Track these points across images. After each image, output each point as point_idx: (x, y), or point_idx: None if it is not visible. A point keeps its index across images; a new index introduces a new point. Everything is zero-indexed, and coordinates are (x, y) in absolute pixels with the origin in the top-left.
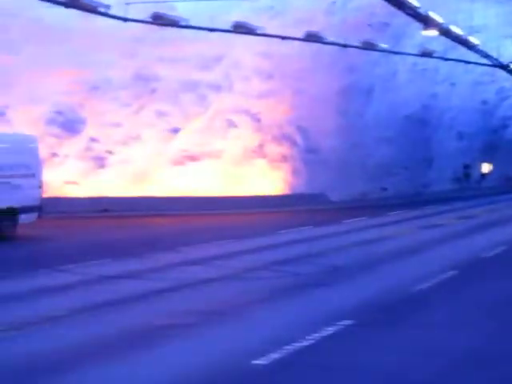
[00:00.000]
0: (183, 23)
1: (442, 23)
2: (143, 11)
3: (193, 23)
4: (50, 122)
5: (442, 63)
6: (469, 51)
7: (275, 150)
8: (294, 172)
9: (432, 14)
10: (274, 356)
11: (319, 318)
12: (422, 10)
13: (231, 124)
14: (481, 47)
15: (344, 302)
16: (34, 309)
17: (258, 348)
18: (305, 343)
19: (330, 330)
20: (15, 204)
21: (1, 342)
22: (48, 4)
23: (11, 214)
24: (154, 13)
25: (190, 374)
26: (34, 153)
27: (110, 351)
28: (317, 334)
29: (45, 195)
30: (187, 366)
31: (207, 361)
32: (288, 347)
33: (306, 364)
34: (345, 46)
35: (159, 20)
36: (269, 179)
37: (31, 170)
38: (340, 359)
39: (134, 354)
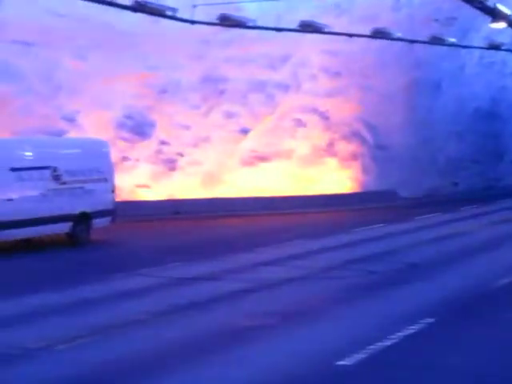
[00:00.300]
0: (250, 24)
1: (510, 15)
2: (210, 13)
3: (259, 23)
4: (120, 126)
5: (509, 56)
6: None
7: (345, 148)
8: (364, 169)
9: (500, 7)
10: (359, 356)
11: (400, 316)
12: (489, 3)
13: (300, 123)
14: None
15: (424, 299)
16: (115, 313)
17: (340, 348)
18: (387, 343)
19: (412, 328)
20: (88, 209)
21: (84, 347)
22: (116, 9)
23: (85, 218)
24: (221, 14)
25: (273, 376)
26: (105, 157)
27: (192, 354)
28: (399, 333)
29: (117, 199)
30: (269, 368)
31: (290, 362)
32: (371, 347)
33: (391, 364)
34: (412, 41)
35: (226, 21)
36: (339, 177)
37: (103, 175)
38: (424, 358)
39: (216, 356)
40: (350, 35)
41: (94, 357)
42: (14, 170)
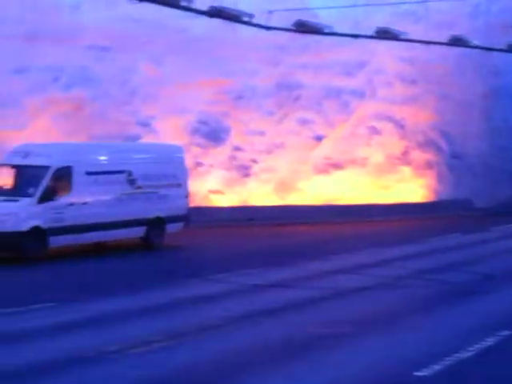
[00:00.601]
0: (326, 30)
1: None
2: (286, 19)
3: (336, 30)
4: (195, 131)
5: None
6: None
7: (420, 156)
8: (439, 178)
9: None
10: (437, 367)
11: (476, 328)
12: None
13: (374, 131)
14: None
15: (501, 311)
16: (188, 318)
17: (418, 359)
18: (465, 354)
19: (489, 340)
20: (163, 214)
21: (159, 351)
22: (192, 15)
23: (159, 223)
24: (297, 20)
25: None
26: (180, 163)
27: (264, 361)
28: (476, 345)
29: (190, 205)
30: (345, 378)
31: (366, 372)
32: (449, 358)
33: (469, 376)
34: (490, 49)
35: (302, 27)
36: (413, 186)
37: (178, 180)
38: (502, 371)
39: (291, 363)
40: (427, 42)
41: (168, 361)
42: (89, 173)
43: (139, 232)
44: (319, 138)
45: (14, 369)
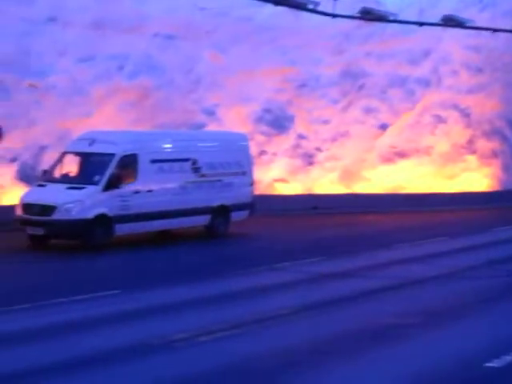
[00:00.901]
0: (391, 18)
1: None
2: (351, 7)
3: (401, 18)
4: (259, 120)
5: None
6: None
7: (485, 145)
8: (504, 167)
9: None
10: (509, 358)
11: None
12: None
13: (440, 120)
14: None
15: None
16: (254, 307)
17: (488, 350)
18: None
19: None
20: (227, 202)
21: (226, 340)
22: (258, 3)
23: (223, 211)
24: (363, 8)
25: (420, 376)
26: (244, 151)
27: (335, 350)
28: None
29: (255, 193)
30: (415, 368)
31: (436, 363)
32: None
33: None
34: None
35: (367, 15)
36: (478, 175)
37: (242, 168)
38: None
39: (360, 354)
40: (494, 30)
41: (234, 350)
42: (154, 161)
43: (204, 220)
44: (384, 127)
45: (79, 355)
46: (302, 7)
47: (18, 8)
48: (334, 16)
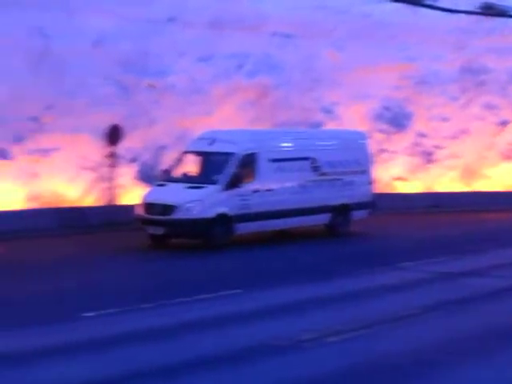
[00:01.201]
0: None
1: None
2: (470, 2)
3: None
4: (378, 117)
5: None
6: None
7: None
8: None
9: None
10: None
11: None
12: None
13: None
14: None
15: None
16: (382, 307)
17: None
18: None
19: None
20: (348, 200)
21: (356, 340)
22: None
23: (344, 210)
24: (483, 3)
25: None
26: (363, 149)
27: (465, 350)
28: None
29: (375, 191)
30: None
31: None
32: None
33: None
34: None
35: (488, 10)
36: None
37: (362, 167)
38: None
39: (490, 354)
40: None
41: (365, 350)
42: (274, 160)
43: (324, 219)
44: (504, 123)
45: (203, 354)
46: (420, 3)
47: (137, 9)
48: (454, 11)
